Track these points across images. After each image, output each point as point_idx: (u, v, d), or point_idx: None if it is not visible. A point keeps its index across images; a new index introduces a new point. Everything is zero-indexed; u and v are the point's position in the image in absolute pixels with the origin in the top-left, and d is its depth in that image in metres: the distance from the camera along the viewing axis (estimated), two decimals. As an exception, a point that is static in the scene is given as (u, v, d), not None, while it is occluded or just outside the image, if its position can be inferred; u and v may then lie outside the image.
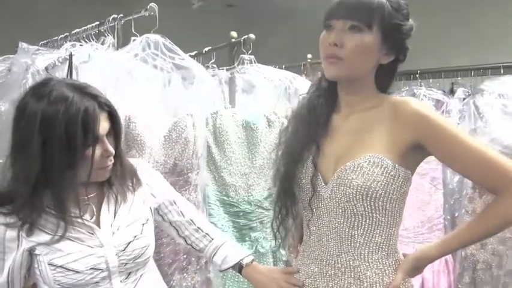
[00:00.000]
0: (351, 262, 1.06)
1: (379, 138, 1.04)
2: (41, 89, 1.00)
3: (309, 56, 2.64)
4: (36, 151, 0.96)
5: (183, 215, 1.32)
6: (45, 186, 1.00)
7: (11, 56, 1.96)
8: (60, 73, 1.57)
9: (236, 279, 1.93)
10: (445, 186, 2.46)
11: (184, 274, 1.62)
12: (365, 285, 1.05)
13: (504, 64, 2.29)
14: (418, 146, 1.02)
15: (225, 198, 1.90)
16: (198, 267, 1.67)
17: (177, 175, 1.60)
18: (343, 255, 1.06)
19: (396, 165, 1.01)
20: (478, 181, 1.04)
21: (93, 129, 1.00)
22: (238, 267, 1.30)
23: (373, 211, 1.02)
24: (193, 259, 1.64)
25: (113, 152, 1.06)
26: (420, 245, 1.10)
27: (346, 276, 1.06)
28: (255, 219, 1.95)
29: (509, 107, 2.13)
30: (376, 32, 1.01)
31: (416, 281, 2.22)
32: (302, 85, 2.22)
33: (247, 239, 1.93)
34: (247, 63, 2.06)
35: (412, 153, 1.04)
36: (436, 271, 2.39)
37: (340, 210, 1.05)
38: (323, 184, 1.08)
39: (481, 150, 0.98)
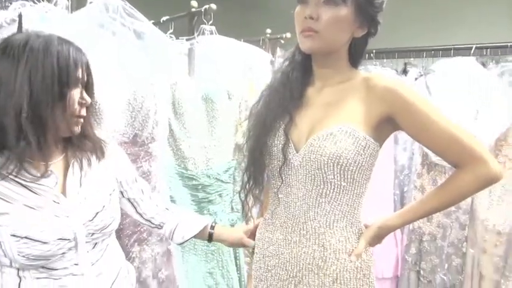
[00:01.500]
0: (317, 229, 1.08)
1: (351, 110, 1.06)
2: (20, 34, 0.99)
3: (268, 30, 2.63)
4: (22, 84, 0.93)
5: (143, 193, 1.30)
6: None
7: None
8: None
9: (193, 252, 1.93)
10: (395, 162, 2.56)
11: (144, 246, 1.58)
12: (329, 251, 1.07)
13: (454, 46, 2.39)
14: (388, 119, 1.05)
15: (183, 171, 1.87)
16: (158, 238, 1.64)
17: (138, 145, 1.55)
18: (309, 222, 1.08)
19: (367, 136, 1.04)
20: (443, 156, 1.07)
21: (81, 70, 1.01)
22: (208, 237, 1.35)
23: (342, 179, 1.05)
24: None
25: (89, 101, 1.04)
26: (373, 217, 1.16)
27: (311, 243, 1.08)
28: (214, 192, 1.94)
29: (458, 87, 2.23)
30: (350, 5, 1.03)
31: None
32: (262, 59, 2.21)
33: (205, 212, 1.91)
34: (207, 34, 2.01)
35: (383, 127, 1.07)
36: (384, 243, 2.50)
37: (310, 178, 1.06)
38: (294, 152, 1.09)
39: (449, 128, 1.01)
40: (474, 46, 2.33)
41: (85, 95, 1.04)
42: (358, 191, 1.08)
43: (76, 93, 1.01)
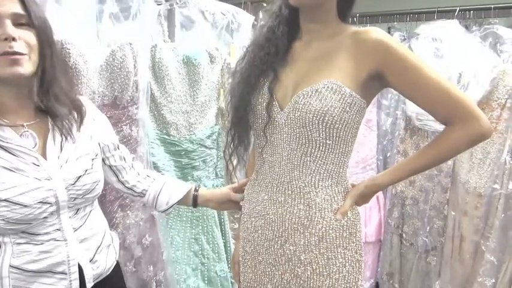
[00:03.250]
0: (302, 188, 1.06)
1: (338, 65, 1.03)
2: None
3: (250, -7, 2.56)
4: None
5: (125, 160, 1.27)
6: None
7: None
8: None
9: (178, 219, 1.91)
10: (379, 127, 2.56)
11: (128, 211, 1.56)
12: (314, 210, 1.06)
13: (438, 9, 2.37)
14: (377, 75, 1.02)
15: (165, 137, 1.83)
16: (142, 204, 1.61)
17: (119, 108, 1.50)
18: (294, 181, 1.07)
19: (353, 93, 1.01)
20: (434, 112, 1.04)
21: None
22: (192, 201, 1.32)
23: (327, 137, 1.03)
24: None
25: (11, 35, 0.92)
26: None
27: (296, 202, 1.07)
28: (197, 158, 1.91)
29: (441, 50, 2.22)
30: None
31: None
32: (245, 20, 2.15)
33: (189, 178, 1.89)
34: (188, -5, 1.94)
35: (371, 84, 1.04)
36: (368, 207, 2.54)
37: (295, 137, 1.04)
38: (279, 110, 1.06)
39: (441, 83, 0.99)
40: (458, 8, 2.31)
41: (7, 29, 0.92)
42: (343, 149, 1.07)
43: None
